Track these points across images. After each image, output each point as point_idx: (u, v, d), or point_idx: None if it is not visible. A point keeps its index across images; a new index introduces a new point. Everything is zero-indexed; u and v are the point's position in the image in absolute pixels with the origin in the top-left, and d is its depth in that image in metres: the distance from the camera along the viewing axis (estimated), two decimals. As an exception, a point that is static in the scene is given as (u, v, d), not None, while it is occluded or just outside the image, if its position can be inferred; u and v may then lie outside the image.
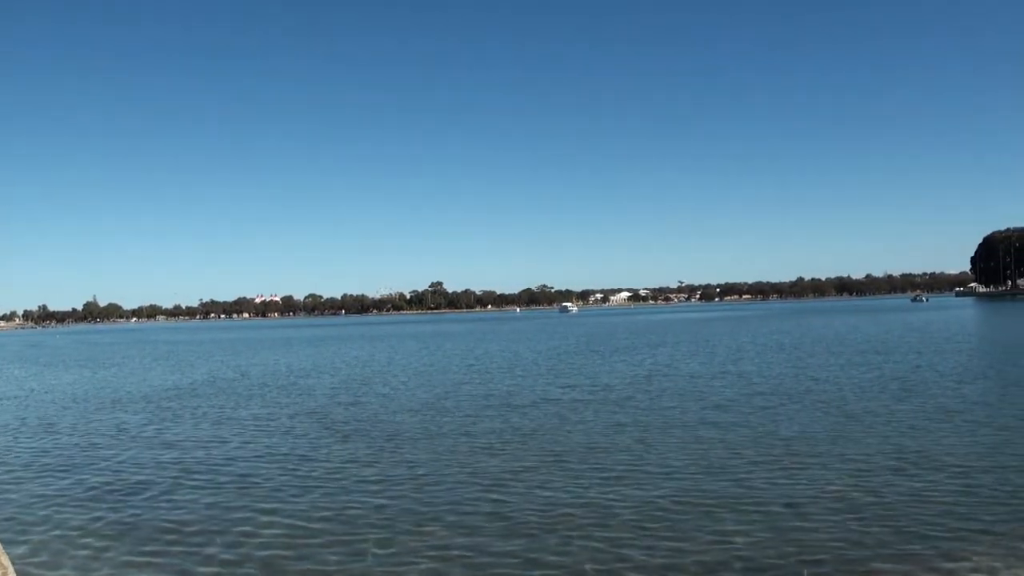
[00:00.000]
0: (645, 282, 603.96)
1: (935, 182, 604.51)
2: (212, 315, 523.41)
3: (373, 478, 18.59)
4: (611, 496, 16.15)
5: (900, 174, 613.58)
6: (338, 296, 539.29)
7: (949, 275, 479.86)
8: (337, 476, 19.00)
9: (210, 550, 13.62)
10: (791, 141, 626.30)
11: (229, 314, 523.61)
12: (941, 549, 12.42)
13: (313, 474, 19.34)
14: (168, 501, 17.09)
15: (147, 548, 13.80)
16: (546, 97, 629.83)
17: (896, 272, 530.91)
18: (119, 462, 21.93)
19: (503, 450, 21.42)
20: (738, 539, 13.27)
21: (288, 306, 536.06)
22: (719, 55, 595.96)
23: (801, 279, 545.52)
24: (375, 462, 20.48)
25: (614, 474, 18.12)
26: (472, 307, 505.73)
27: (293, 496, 17.11)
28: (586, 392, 33.99)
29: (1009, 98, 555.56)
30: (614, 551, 12.95)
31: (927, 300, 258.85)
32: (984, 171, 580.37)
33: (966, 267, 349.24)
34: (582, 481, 17.53)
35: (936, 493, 15.52)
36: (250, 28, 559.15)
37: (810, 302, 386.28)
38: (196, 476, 19.59)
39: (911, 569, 11.71)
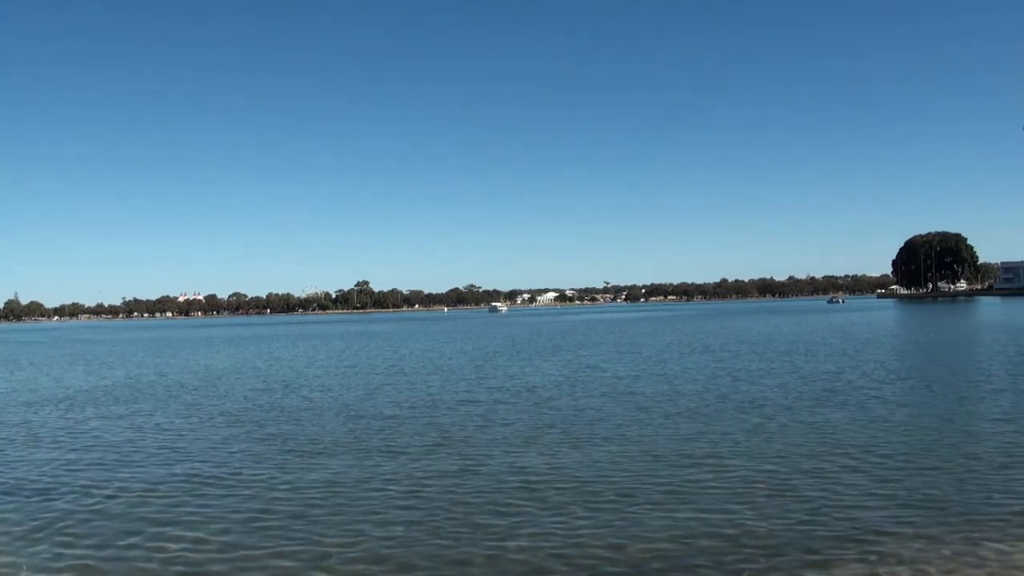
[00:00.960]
0: (572, 283, 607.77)
1: (858, 186, 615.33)
2: (135, 314, 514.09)
3: (285, 485, 17.83)
4: (528, 499, 15.74)
5: (823, 178, 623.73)
6: (263, 295, 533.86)
7: (871, 277, 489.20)
8: (248, 482, 18.22)
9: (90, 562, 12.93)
10: (714, 145, 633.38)
11: (153, 313, 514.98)
12: (832, 548, 12.37)
13: (224, 481, 18.51)
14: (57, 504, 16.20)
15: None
16: (472, 96, 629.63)
17: (819, 274, 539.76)
18: (21, 465, 20.90)
19: (424, 456, 20.78)
20: (661, 535, 13.07)
21: (212, 305, 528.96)
22: (636, 54, 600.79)
23: (725, 280, 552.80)
24: (287, 467, 19.72)
25: (535, 477, 17.66)
26: (399, 307, 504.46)
27: (198, 506, 16.28)
28: (509, 393, 33.54)
29: (929, 105, 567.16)
30: (535, 553, 12.61)
31: (843, 302, 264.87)
32: (905, 176, 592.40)
33: (887, 270, 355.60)
34: (502, 485, 17.07)
35: (848, 494, 15.50)
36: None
37: (733, 303, 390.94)
38: (101, 483, 18.62)
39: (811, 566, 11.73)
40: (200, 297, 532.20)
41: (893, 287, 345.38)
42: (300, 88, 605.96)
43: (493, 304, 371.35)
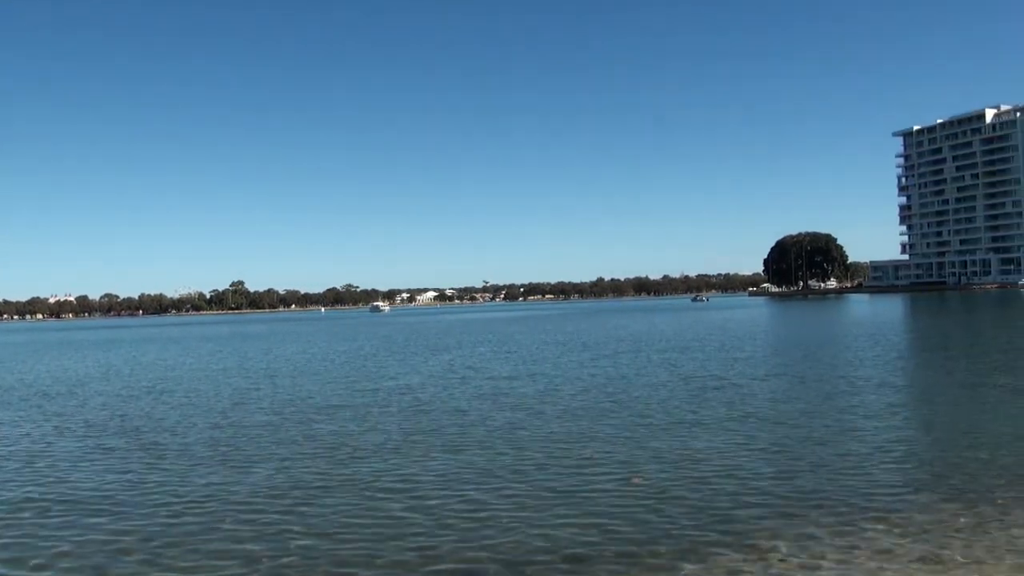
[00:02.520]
0: (451, 282, 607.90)
1: (731, 188, 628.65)
2: (4, 316, 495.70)
3: (134, 500, 16.87)
4: (402, 502, 15.17)
5: (698, 179, 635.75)
6: (135, 296, 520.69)
7: (743, 276, 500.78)
8: (96, 494, 17.20)
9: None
10: (591, 146, 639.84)
11: (22, 315, 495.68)
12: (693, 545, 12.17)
13: (76, 495, 17.42)
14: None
15: None
16: (348, 92, 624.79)
17: (693, 273, 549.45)
18: None
19: (291, 466, 19.99)
20: (535, 533, 12.61)
21: (84, 306, 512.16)
22: (521, 55, 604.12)
23: (601, 279, 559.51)
24: (142, 482, 18.66)
25: (413, 483, 17.12)
26: (275, 307, 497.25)
27: (56, 528, 15.25)
28: (385, 396, 32.90)
29: (801, 108, 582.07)
30: (406, 553, 12.20)
31: (707, 300, 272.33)
32: (777, 178, 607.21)
33: (759, 268, 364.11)
34: (372, 492, 16.45)
35: (725, 489, 15.42)
36: None
37: (608, 301, 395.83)
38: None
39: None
40: (71, 298, 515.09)
41: (765, 285, 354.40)
42: (176, 84, 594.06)
43: (375, 304, 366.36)
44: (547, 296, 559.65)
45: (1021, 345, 47.03)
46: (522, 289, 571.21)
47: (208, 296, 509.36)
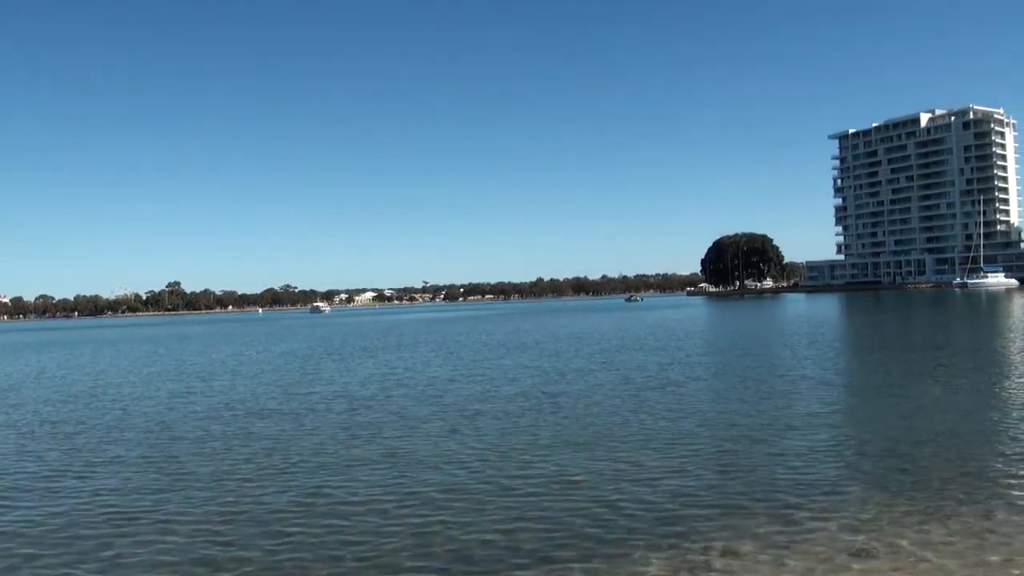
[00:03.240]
0: (390, 282, 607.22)
1: (670, 189, 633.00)
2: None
3: (71, 512, 16.46)
4: (337, 509, 14.99)
5: (637, 180, 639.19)
6: (71, 297, 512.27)
7: (681, 276, 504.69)
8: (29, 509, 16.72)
9: None
10: (532, 146, 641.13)
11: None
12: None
13: None
14: None
15: None
16: (284, 93, 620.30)
17: (631, 273, 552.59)
18: None
19: (230, 474, 19.67)
20: (473, 532, 12.53)
21: (18, 308, 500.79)
22: (452, 56, 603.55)
23: (541, 279, 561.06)
24: (67, 491, 18.22)
25: (348, 489, 16.90)
26: (212, 308, 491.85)
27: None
28: (322, 399, 32.47)
29: (737, 111, 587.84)
30: (344, 563, 12.03)
31: (641, 299, 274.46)
32: (715, 179, 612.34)
33: (697, 268, 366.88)
34: (301, 500, 16.26)
35: (663, 486, 15.40)
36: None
37: (548, 301, 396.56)
38: None
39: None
40: (5, 300, 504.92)
41: (702, 285, 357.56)
42: (112, 81, 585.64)
43: (315, 304, 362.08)
44: (487, 296, 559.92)
45: (954, 343, 47.85)
46: (462, 289, 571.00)
47: (144, 297, 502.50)
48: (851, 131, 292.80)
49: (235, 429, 25.51)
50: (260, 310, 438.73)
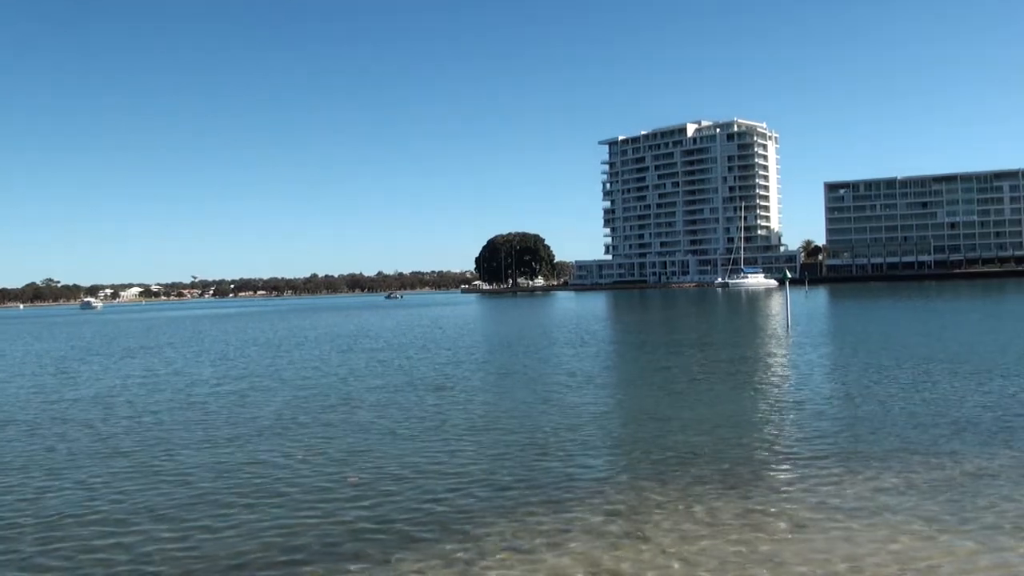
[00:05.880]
0: (157, 277, 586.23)
1: (447, 188, 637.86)
2: None
3: None
4: (88, 519, 14.24)
5: (415, 178, 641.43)
6: None
7: (456, 273, 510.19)
8: None
9: None
10: (301, 139, 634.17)
11: None
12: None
13: None
14: None
15: None
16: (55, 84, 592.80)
17: (407, 270, 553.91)
18: None
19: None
20: (245, 536, 12.15)
21: None
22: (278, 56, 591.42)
23: (315, 276, 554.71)
24: None
25: (94, 496, 16.07)
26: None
27: None
28: (68, 405, 30.46)
29: (512, 111, 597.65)
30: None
31: (401, 297, 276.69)
32: (491, 180, 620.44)
33: (471, 266, 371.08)
34: (60, 509, 15.32)
35: (434, 492, 15.47)
36: None
37: (323, 298, 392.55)
38: None
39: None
40: None
41: (477, 283, 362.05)
42: None
43: (86, 300, 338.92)
44: (259, 292, 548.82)
45: (709, 339, 50.06)
46: (232, 285, 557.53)
47: None
48: (620, 137, 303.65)
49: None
50: (21, 306, 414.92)
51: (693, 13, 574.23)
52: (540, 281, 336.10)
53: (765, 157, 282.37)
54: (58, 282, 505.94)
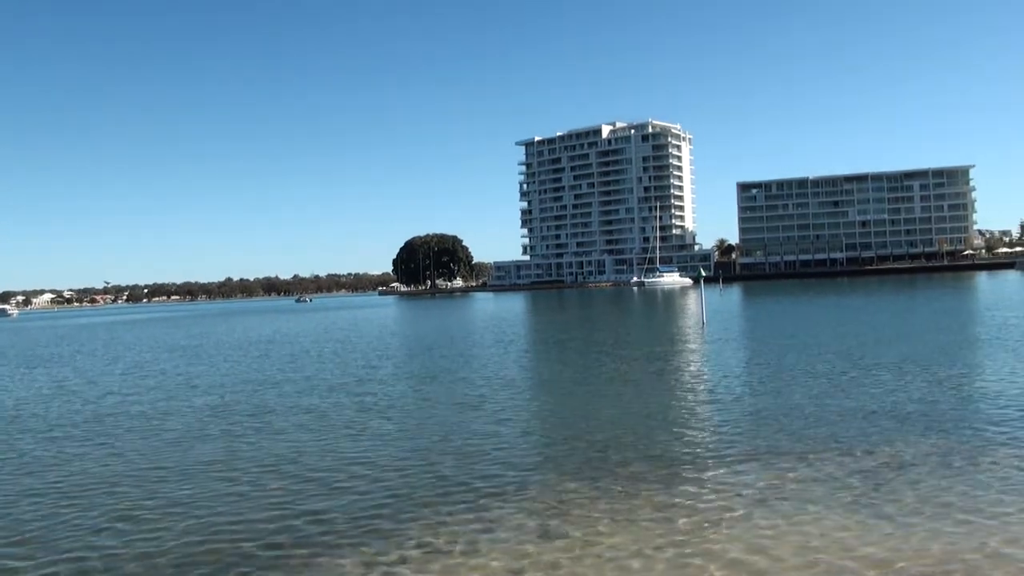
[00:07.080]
0: (69, 283, 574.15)
1: (365, 190, 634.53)
2: None
3: None
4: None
5: (332, 180, 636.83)
6: None
7: (373, 275, 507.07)
8: None
9: None
10: (211, 137, 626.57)
11: None
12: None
13: None
14: None
15: None
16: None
17: (323, 273, 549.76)
18: None
19: None
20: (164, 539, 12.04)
21: None
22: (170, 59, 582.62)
23: (230, 279, 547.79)
24: None
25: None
26: None
27: None
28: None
29: (429, 109, 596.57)
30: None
31: (311, 301, 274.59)
32: (409, 180, 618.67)
33: (389, 268, 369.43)
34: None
35: (357, 487, 15.61)
36: None
37: (238, 302, 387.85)
38: None
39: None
40: None
41: (395, 284, 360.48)
42: None
43: (2, 307, 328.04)
44: (173, 297, 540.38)
45: (626, 338, 50.53)
46: (146, 290, 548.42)
47: None
48: (537, 139, 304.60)
49: None
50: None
51: (609, 16, 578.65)
52: (459, 282, 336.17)
53: (679, 158, 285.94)
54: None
